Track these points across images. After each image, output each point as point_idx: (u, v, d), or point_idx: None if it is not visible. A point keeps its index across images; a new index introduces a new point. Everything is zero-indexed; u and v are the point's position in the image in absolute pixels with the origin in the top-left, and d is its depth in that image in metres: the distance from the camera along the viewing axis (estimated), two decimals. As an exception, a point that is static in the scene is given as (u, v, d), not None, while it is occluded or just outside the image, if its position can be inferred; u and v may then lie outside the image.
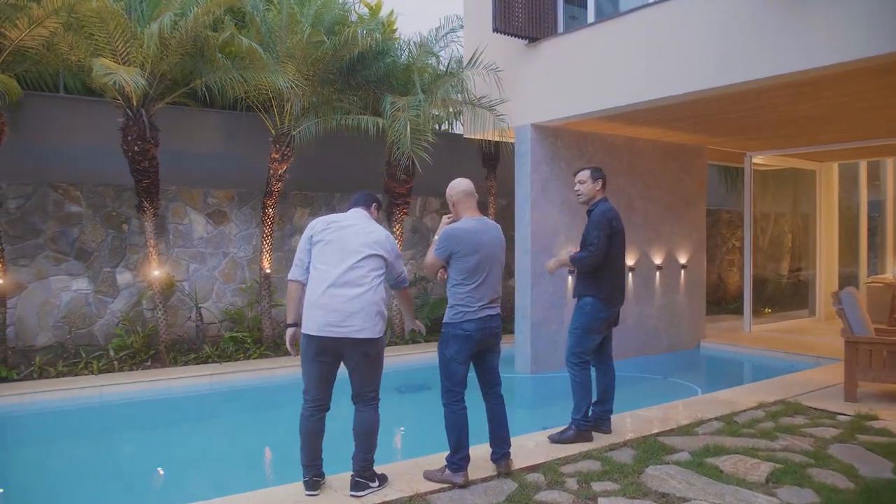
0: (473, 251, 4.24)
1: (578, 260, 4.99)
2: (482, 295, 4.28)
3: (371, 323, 3.97)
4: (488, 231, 4.34)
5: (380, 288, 4.04)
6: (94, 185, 8.56)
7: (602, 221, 4.96)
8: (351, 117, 8.55)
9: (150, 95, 7.88)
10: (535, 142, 8.26)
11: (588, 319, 5.04)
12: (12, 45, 6.87)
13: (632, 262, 9.30)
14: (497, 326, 4.38)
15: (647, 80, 6.91)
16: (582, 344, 5.06)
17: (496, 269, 4.35)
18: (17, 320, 8.10)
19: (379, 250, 4.05)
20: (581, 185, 5.21)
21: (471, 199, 4.41)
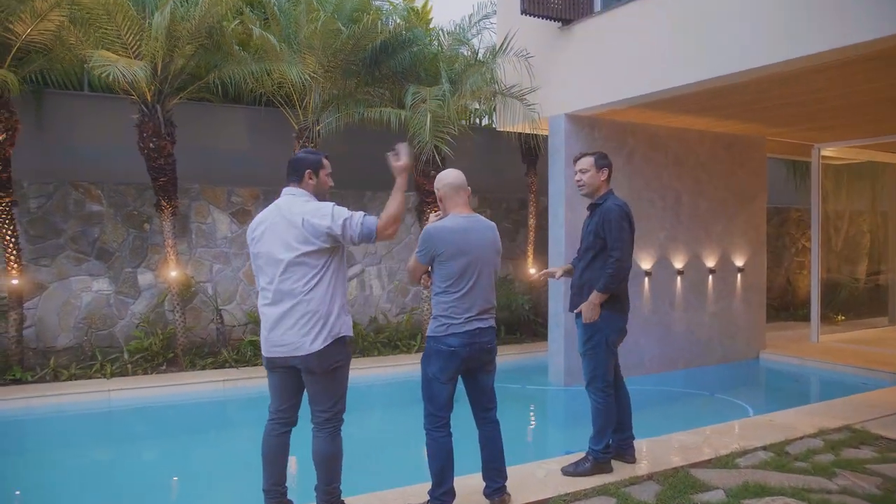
0: (459, 254, 3.67)
1: (611, 278, 4.21)
2: (470, 304, 3.70)
3: (308, 337, 3.43)
4: (478, 230, 3.75)
5: (320, 289, 3.45)
6: (115, 183, 8.37)
7: (621, 218, 4.28)
8: (374, 110, 8.06)
9: (165, 90, 7.61)
10: (569, 134, 7.58)
11: (606, 334, 4.38)
12: (20, 40, 6.68)
13: (680, 265, 8.49)
14: (489, 341, 3.79)
15: (694, 59, 6.13)
16: (604, 364, 4.39)
17: (487, 274, 3.75)
18: (38, 321, 7.99)
19: (304, 244, 3.39)
20: (583, 174, 4.53)
21: (460, 193, 3.82)
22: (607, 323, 4.36)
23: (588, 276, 4.40)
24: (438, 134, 7.63)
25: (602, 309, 4.35)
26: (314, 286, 3.44)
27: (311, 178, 3.61)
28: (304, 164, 3.62)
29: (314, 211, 3.45)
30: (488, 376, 3.88)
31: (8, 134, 7.09)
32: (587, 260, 4.43)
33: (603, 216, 4.35)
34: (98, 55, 6.29)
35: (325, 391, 3.55)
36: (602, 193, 4.48)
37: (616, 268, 4.23)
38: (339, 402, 3.62)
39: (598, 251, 4.36)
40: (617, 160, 7.85)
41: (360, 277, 9.89)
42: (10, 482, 4.99)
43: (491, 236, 3.80)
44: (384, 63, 8.46)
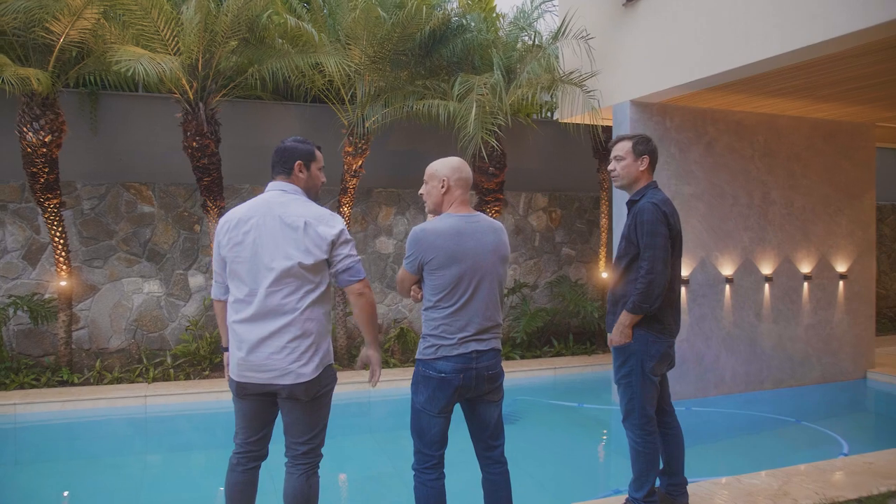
0: (451, 261, 3.04)
1: (641, 295, 3.48)
2: (465, 322, 3.07)
3: (299, 363, 2.94)
4: (476, 233, 3.11)
5: (313, 310, 2.96)
6: (165, 184, 8.26)
7: (655, 220, 3.50)
8: (422, 103, 7.51)
9: (208, 88, 7.38)
10: (635, 123, 6.75)
11: (641, 359, 3.62)
12: (60, 41, 6.59)
13: (769, 271, 7.44)
14: (492, 367, 3.14)
15: (776, 29, 5.18)
16: (641, 395, 3.63)
17: (488, 286, 3.10)
18: (91, 322, 7.98)
19: (304, 253, 2.92)
20: (617, 162, 3.76)
21: (461, 185, 3.18)
22: (642, 346, 3.60)
23: (621, 291, 3.66)
24: (487, 126, 6.97)
25: (637, 329, 3.60)
26: (311, 303, 2.95)
27: (302, 171, 3.11)
28: (295, 155, 3.11)
29: (320, 216, 2.97)
30: (492, 407, 3.23)
31: (54, 136, 7.05)
32: (620, 270, 3.69)
33: (635, 217, 3.59)
34: (123, 51, 6.08)
35: (306, 420, 3.05)
36: (641, 187, 3.71)
37: (646, 283, 3.46)
38: (320, 435, 3.11)
39: (632, 260, 3.60)
40: (693, 152, 6.96)
41: (418, 281, 9.37)
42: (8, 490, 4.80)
43: (493, 240, 3.14)
44: (435, 52, 7.89)
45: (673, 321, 3.71)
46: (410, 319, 9.30)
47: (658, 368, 3.66)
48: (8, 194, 7.69)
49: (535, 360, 8.67)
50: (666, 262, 3.50)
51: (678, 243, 3.65)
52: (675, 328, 3.73)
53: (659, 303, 3.52)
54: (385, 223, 9.25)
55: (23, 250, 7.75)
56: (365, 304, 3.03)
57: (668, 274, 3.53)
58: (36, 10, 6.34)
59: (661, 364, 3.66)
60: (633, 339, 3.62)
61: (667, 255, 3.51)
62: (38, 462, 5.53)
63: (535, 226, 9.99)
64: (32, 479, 5.15)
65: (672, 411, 3.96)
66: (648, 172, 3.72)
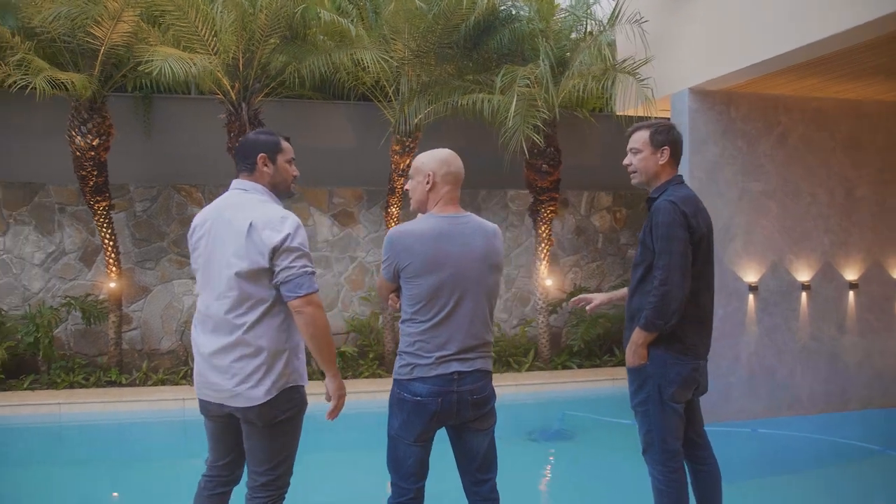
0: (428, 269, 2.66)
1: (655, 311, 2.99)
2: (446, 340, 2.68)
3: (245, 385, 2.63)
4: (462, 237, 2.71)
5: (262, 326, 2.63)
6: (214, 185, 8.26)
7: (672, 222, 2.98)
8: (467, 97, 7.13)
9: (251, 87, 7.29)
10: (695, 113, 6.12)
11: (658, 384, 3.11)
12: (103, 45, 6.63)
13: (854, 277, 6.59)
14: (477, 391, 2.73)
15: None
16: (661, 426, 3.13)
17: (474, 298, 2.70)
18: (143, 323, 8.07)
19: (246, 260, 2.58)
20: (633, 155, 3.25)
21: (450, 181, 2.79)
22: (659, 369, 3.09)
23: (637, 305, 3.16)
24: (530, 121, 6.51)
25: (653, 349, 3.09)
26: (258, 318, 2.62)
27: (267, 165, 2.80)
28: (257, 148, 2.81)
29: (268, 220, 2.62)
30: (480, 437, 2.83)
31: (101, 139, 7.14)
32: (636, 280, 3.19)
33: (651, 218, 3.09)
34: (153, 51, 6.03)
35: (265, 448, 2.73)
36: (662, 182, 3.19)
37: (659, 296, 2.97)
38: (282, 466, 2.76)
39: (648, 268, 3.10)
40: (763, 144, 6.27)
41: (472, 284, 9.00)
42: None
43: (481, 246, 2.74)
44: (483, 44, 7.50)
45: (699, 340, 3.18)
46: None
47: (680, 395, 3.14)
48: (65, 197, 7.88)
49: (593, 370, 8.12)
50: (684, 272, 2.98)
51: (704, 248, 3.11)
52: (701, 348, 3.20)
53: (676, 319, 3.01)
54: (438, 224, 8.92)
55: (79, 252, 7.93)
56: (305, 325, 2.61)
57: (688, 285, 3.01)
58: (78, 15, 6.40)
59: (684, 390, 3.14)
60: (648, 360, 3.12)
61: (684, 263, 2.98)
62: (68, 463, 5.55)
63: (598, 226, 9.40)
64: (60, 479, 5.15)
65: (706, 444, 3.42)
66: (670, 166, 3.19)
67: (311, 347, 2.65)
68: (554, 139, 7.84)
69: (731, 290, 6.19)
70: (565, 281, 9.19)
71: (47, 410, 6.48)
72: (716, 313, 6.05)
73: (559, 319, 9.04)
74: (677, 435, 3.17)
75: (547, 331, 8.36)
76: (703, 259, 3.11)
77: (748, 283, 6.24)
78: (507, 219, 9.11)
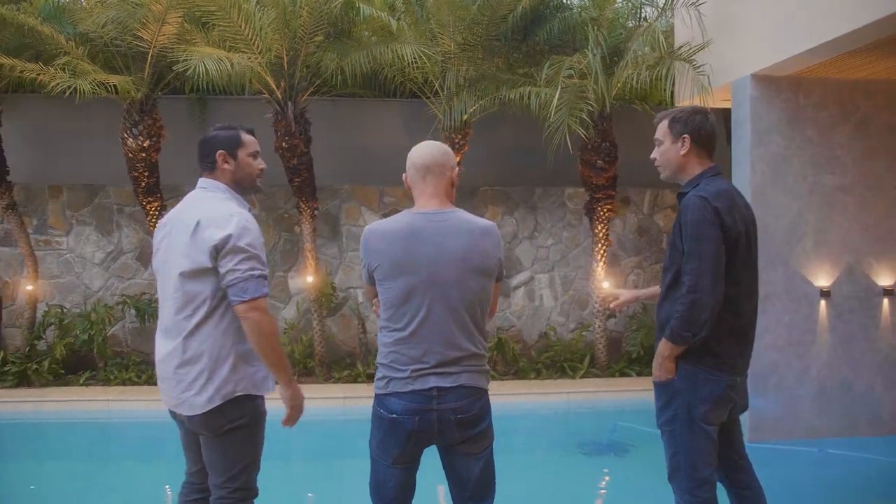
0: (398, 271, 2.42)
1: (683, 321, 2.64)
2: (422, 351, 2.42)
3: (189, 393, 2.51)
4: (438, 236, 2.43)
5: (204, 330, 2.51)
6: (266, 185, 8.24)
7: (701, 217, 2.63)
8: (515, 91, 6.81)
9: (296, 86, 7.23)
10: (757, 101, 5.58)
11: (688, 401, 2.74)
12: (150, 47, 6.72)
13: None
14: (462, 409, 2.44)
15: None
16: (689, 449, 2.78)
17: (451, 304, 2.42)
18: (197, 323, 8.17)
19: (188, 260, 2.47)
20: (657, 147, 2.93)
21: (428, 178, 2.54)
22: (689, 385, 2.73)
23: (666, 312, 2.81)
24: (575, 113, 6.13)
25: (683, 363, 2.73)
26: (199, 322, 2.51)
27: (228, 161, 2.69)
28: (215, 145, 2.70)
29: (215, 217, 2.50)
30: (471, 462, 2.53)
31: (152, 141, 7.25)
32: (665, 286, 2.85)
33: (679, 216, 2.73)
34: (190, 51, 6.04)
35: (217, 459, 2.60)
36: (693, 176, 2.83)
37: (688, 304, 2.62)
38: (240, 478, 2.60)
39: (677, 272, 2.76)
40: (838, 134, 5.69)
41: (528, 286, 8.68)
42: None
43: (461, 245, 2.44)
44: (532, 35, 7.16)
45: (737, 353, 2.80)
46: (520, 327, 8.62)
47: (713, 415, 2.76)
48: (123, 198, 8.07)
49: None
50: (716, 276, 2.62)
51: (743, 249, 2.74)
52: (739, 364, 2.81)
53: (707, 329, 2.65)
54: (491, 224, 8.64)
55: (136, 251, 8.11)
56: (249, 331, 2.45)
57: (721, 291, 2.63)
58: (125, 18, 6.50)
59: (717, 410, 2.77)
60: (677, 375, 2.76)
61: (716, 267, 2.62)
62: (103, 459, 5.63)
63: (662, 226, 8.86)
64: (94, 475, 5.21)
65: (748, 466, 3.03)
66: (696, 156, 2.83)
67: (259, 354, 2.51)
68: (609, 133, 7.41)
69: (800, 295, 5.62)
70: (626, 283, 8.70)
71: (97, 407, 6.62)
72: (781, 320, 5.58)
73: (619, 324, 8.57)
74: (709, 461, 2.80)
75: (604, 336, 7.93)
76: (741, 262, 2.75)
77: (819, 287, 5.65)
78: (565, 218, 8.72)
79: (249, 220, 2.53)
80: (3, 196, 7.58)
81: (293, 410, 2.62)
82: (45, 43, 6.82)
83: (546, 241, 8.71)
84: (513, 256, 8.65)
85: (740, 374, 2.84)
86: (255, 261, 2.47)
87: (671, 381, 2.77)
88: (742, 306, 2.79)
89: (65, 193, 8.01)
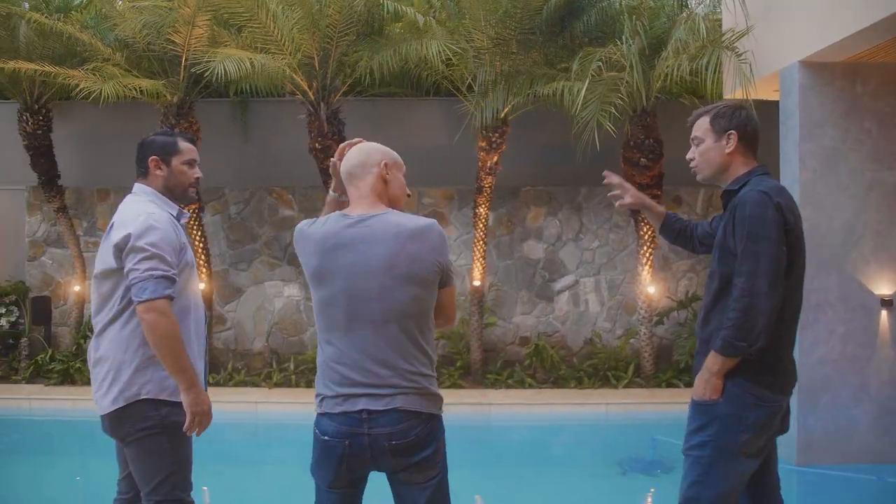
0: (318, 280, 2.21)
1: (736, 329, 2.32)
2: (351, 369, 2.18)
3: (99, 393, 2.50)
4: (360, 243, 2.17)
5: (111, 331, 2.50)
6: (304, 187, 8.26)
7: (761, 214, 2.33)
8: (549, 86, 6.49)
9: (328, 87, 7.16)
10: (807, 91, 5.08)
11: (727, 427, 2.41)
12: (183, 51, 6.78)
13: None
14: (398, 435, 2.17)
15: None
16: (717, 483, 2.43)
17: (376, 319, 2.16)
18: (237, 324, 8.24)
19: (100, 261, 2.50)
20: (695, 146, 2.63)
21: (354, 181, 2.29)
22: (736, 410, 2.40)
23: (716, 322, 2.47)
24: (605, 108, 5.77)
25: (732, 382, 2.41)
26: (107, 323, 2.49)
27: (160, 167, 2.62)
28: (149, 150, 2.65)
29: (127, 218, 2.49)
30: (415, 492, 2.24)
31: (189, 143, 7.31)
32: (711, 295, 2.53)
33: (733, 212, 2.41)
34: (213, 53, 6.04)
35: (135, 469, 2.55)
36: (737, 176, 2.53)
37: (741, 309, 2.31)
38: (160, 491, 2.50)
39: (727, 278, 2.44)
40: None
41: (572, 290, 8.32)
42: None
43: (385, 253, 2.15)
44: (569, 27, 6.82)
45: (792, 368, 2.49)
46: (564, 333, 8.27)
47: (753, 445, 2.42)
48: (167, 201, 8.22)
49: (702, 391, 7.14)
50: (774, 281, 2.31)
51: (799, 252, 2.44)
52: (792, 380, 2.50)
53: (763, 340, 2.31)
54: (534, 225, 8.34)
55: (179, 253, 8.23)
56: (146, 332, 2.38)
57: (779, 298, 2.33)
58: (158, 22, 6.58)
59: (760, 438, 2.43)
60: (723, 395, 2.43)
61: (776, 270, 2.31)
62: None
63: (717, 227, 8.31)
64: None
65: (778, 495, 2.66)
66: (743, 154, 2.53)
67: (159, 357, 2.41)
68: (654, 129, 6.98)
69: (857, 304, 5.08)
70: (678, 288, 8.22)
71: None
72: (834, 331, 5.09)
73: (669, 331, 8.09)
74: (733, 499, 2.47)
75: (650, 343, 7.49)
76: (800, 266, 2.46)
77: (880, 295, 5.10)
78: (611, 219, 8.31)
79: (160, 219, 2.46)
80: (55, 199, 7.86)
81: (195, 417, 2.46)
82: (87, 50, 6.99)
83: (591, 243, 8.33)
84: (557, 259, 8.32)
85: (789, 393, 2.51)
86: (156, 260, 2.38)
87: (715, 402, 2.45)
88: (795, 317, 2.50)
89: (112, 196, 8.22)
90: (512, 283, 8.31)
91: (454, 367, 7.69)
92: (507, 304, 8.31)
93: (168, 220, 2.53)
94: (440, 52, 6.23)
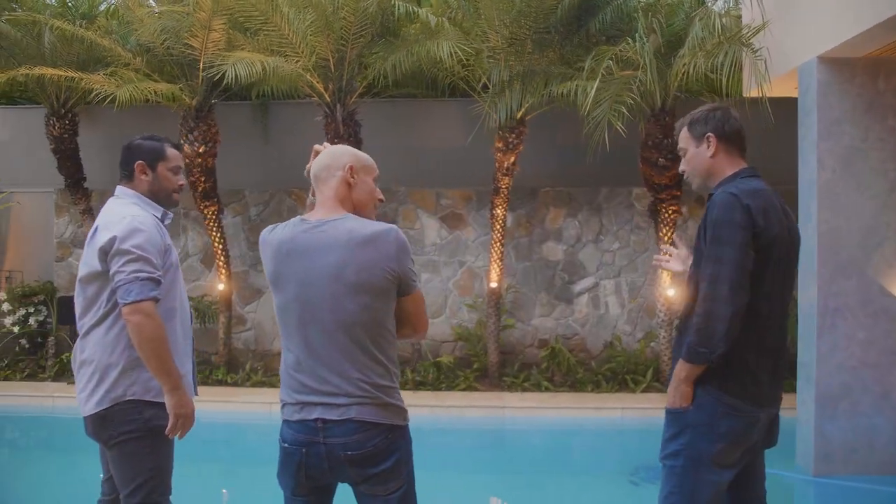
0: (276, 287, 2.20)
1: (699, 335, 2.26)
2: (307, 376, 2.15)
3: (84, 394, 2.54)
4: (313, 250, 2.11)
5: (95, 333, 2.52)
6: (322, 189, 8.28)
7: (727, 218, 2.26)
8: (564, 85, 6.40)
9: (344, 88, 7.17)
10: (826, 87, 4.91)
11: (699, 436, 2.34)
12: (201, 55, 6.86)
13: None
14: (353, 445, 2.12)
15: None
16: (691, 492, 2.36)
17: (327, 327, 2.11)
18: (256, 325, 8.32)
19: (84, 263, 2.52)
20: (682, 156, 2.59)
21: (319, 185, 2.23)
22: (705, 418, 2.33)
23: (688, 327, 2.41)
24: (616, 107, 5.66)
25: (701, 389, 2.34)
26: (94, 324, 2.52)
27: (146, 173, 2.63)
28: (136, 155, 2.64)
29: (111, 221, 2.49)
30: (379, 503, 2.25)
31: (208, 146, 7.42)
32: (690, 295, 2.45)
33: (704, 217, 2.37)
34: (224, 56, 6.09)
35: (116, 471, 2.58)
36: (721, 178, 2.45)
37: (702, 313, 2.26)
38: (138, 493, 2.51)
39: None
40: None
41: (592, 293, 8.21)
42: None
43: (337, 260, 2.08)
44: (585, 26, 6.72)
45: (767, 380, 2.38)
46: (583, 335, 8.16)
47: (727, 456, 2.34)
48: (189, 202, 8.33)
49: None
50: (735, 285, 2.22)
51: (778, 258, 2.34)
52: (767, 392, 2.39)
53: (725, 345, 2.24)
54: (553, 226, 8.25)
55: (201, 254, 8.36)
56: (131, 334, 2.40)
57: (741, 302, 2.23)
58: (175, 27, 6.68)
59: (734, 450, 2.34)
60: (693, 404, 2.36)
61: (737, 274, 2.23)
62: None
63: (743, 229, 8.10)
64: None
65: None
66: (726, 155, 2.46)
67: (143, 359, 2.43)
68: (672, 129, 6.81)
69: (877, 309, 4.89)
70: (700, 291, 8.02)
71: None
72: (854, 337, 4.92)
73: (690, 335, 7.91)
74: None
75: (670, 347, 7.32)
76: (777, 272, 2.35)
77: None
78: (632, 220, 8.17)
79: (145, 222, 2.47)
80: (81, 201, 8.03)
81: (178, 419, 2.47)
82: (109, 55, 7.13)
83: (612, 244, 8.20)
84: (576, 261, 8.21)
85: (767, 406, 2.40)
86: (142, 262, 2.40)
87: (686, 409, 2.38)
88: (772, 321, 2.37)
89: (135, 198, 8.36)
90: (531, 284, 8.23)
91: (471, 369, 7.64)
92: (526, 306, 8.22)
93: (153, 222, 2.55)
94: (452, 52, 6.18)
